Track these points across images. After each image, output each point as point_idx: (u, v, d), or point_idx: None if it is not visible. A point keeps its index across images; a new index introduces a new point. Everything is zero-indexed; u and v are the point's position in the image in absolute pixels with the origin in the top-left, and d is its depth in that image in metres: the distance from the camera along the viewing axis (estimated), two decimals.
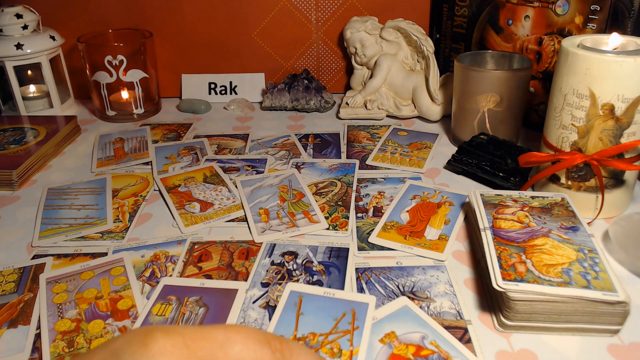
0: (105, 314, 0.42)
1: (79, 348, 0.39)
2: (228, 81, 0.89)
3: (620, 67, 0.46)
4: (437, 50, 0.85)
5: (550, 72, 0.70)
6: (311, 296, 0.42)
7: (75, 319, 0.42)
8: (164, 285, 0.45)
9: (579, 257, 0.41)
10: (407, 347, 0.38)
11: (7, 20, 0.76)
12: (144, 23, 0.85)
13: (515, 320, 0.39)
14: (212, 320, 0.41)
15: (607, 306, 0.38)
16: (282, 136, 0.75)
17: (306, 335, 0.39)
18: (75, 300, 0.44)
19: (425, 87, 0.78)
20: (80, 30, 0.82)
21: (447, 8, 0.82)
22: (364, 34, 0.81)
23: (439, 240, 0.51)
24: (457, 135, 0.71)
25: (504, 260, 0.41)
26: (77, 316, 0.42)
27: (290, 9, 0.85)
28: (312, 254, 0.49)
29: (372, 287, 0.45)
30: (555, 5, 0.67)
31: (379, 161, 0.67)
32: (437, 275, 0.46)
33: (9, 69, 0.77)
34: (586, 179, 0.52)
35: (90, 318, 0.42)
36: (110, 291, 0.45)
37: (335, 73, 0.91)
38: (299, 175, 0.63)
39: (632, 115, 0.48)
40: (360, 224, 0.54)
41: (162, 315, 0.42)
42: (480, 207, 0.49)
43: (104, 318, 0.42)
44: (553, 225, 0.45)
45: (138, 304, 0.43)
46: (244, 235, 0.53)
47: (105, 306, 0.43)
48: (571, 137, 0.51)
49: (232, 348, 0.24)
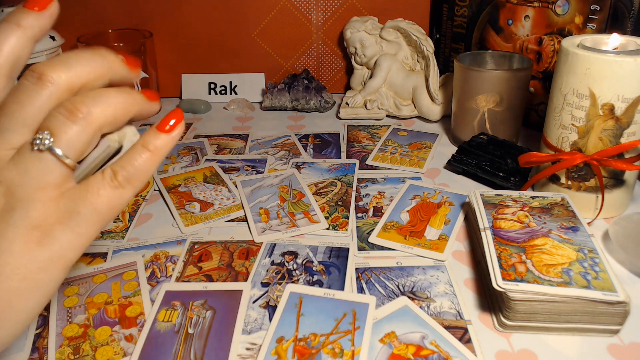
0: (113, 320, 0.42)
1: (84, 355, 0.39)
2: (228, 81, 0.89)
3: (620, 67, 0.46)
4: (437, 50, 0.85)
5: (550, 72, 0.70)
6: (311, 297, 0.43)
7: (83, 324, 0.41)
8: (165, 291, 0.44)
9: (579, 257, 0.41)
10: (407, 347, 0.38)
11: None
12: (144, 23, 0.85)
13: (515, 320, 0.39)
14: (220, 322, 0.41)
15: (607, 306, 0.38)
16: (282, 136, 0.75)
17: (307, 336, 0.39)
18: (85, 305, 0.43)
19: (425, 87, 0.78)
20: (80, 30, 0.82)
21: (447, 8, 0.82)
22: (364, 34, 0.81)
23: (439, 240, 0.51)
24: (457, 135, 0.71)
25: (504, 260, 0.41)
26: (85, 321, 0.42)
27: (290, 9, 0.85)
28: (312, 254, 0.49)
29: (372, 287, 0.45)
30: (555, 5, 0.67)
31: (379, 161, 0.67)
32: (437, 275, 0.46)
33: None
34: (586, 179, 0.52)
35: (98, 324, 0.42)
36: (120, 296, 0.44)
37: (335, 73, 0.91)
38: (299, 175, 0.63)
39: (632, 115, 0.48)
40: (360, 224, 0.54)
41: (169, 322, 0.41)
42: (480, 207, 0.49)
43: (111, 325, 0.41)
44: (553, 225, 0.45)
45: (146, 311, 0.43)
46: (244, 235, 0.53)
47: (114, 312, 0.43)
48: (571, 137, 0.51)
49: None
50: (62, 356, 0.39)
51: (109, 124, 0.27)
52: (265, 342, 0.38)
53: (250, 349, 0.39)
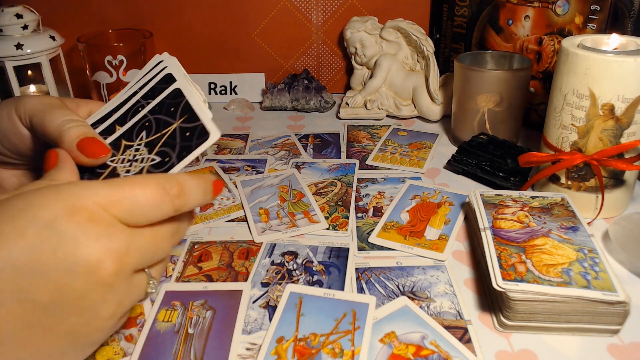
0: None
1: None
2: (228, 81, 0.89)
3: (620, 67, 0.46)
4: (437, 50, 0.85)
5: (550, 72, 0.70)
6: (311, 297, 0.43)
7: None
8: (165, 291, 0.44)
9: (579, 257, 0.41)
10: (407, 347, 0.38)
11: (7, 20, 0.76)
12: (144, 23, 0.85)
13: (515, 320, 0.39)
14: (220, 322, 0.41)
15: (607, 306, 0.38)
16: (282, 136, 0.75)
17: (307, 336, 0.39)
18: None
19: (425, 87, 0.78)
20: (80, 30, 0.82)
21: (447, 8, 0.82)
22: (364, 34, 0.81)
23: (439, 240, 0.51)
24: (457, 135, 0.71)
25: (504, 260, 0.41)
26: None
27: (290, 9, 0.85)
28: (312, 254, 0.49)
29: (372, 287, 0.45)
30: (555, 5, 0.67)
31: (379, 161, 0.67)
32: (437, 275, 0.46)
33: (9, 69, 0.77)
34: (586, 179, 0.52)
35: None
36: None
37: (335, 73, 0.91)
38: (299, 175, 0.63)
39: (632, 115, 0.48)
40: (360, 224, 0.54)
41: (169, 322, 0.41)
42: (480, 207, 0.49)
43: None
44: (553, 225, 0.45)
45: (146, 311, 0.43)
46: (244, 235, 0.53)
47: None
48: (571, 137, 0.51)
49: (134, 194, 0.28)
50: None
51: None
52: (265, 342, 0.38)
53: (250, 349, 0.39)
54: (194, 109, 0.33)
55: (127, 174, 0.32)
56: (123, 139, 0.34)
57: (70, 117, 0.35)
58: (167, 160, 0.32)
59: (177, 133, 0.33)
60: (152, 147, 0.33)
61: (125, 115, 0.36)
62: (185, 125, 0.32)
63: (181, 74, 0.35)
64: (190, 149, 0.31)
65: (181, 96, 0.34)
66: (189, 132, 0.32)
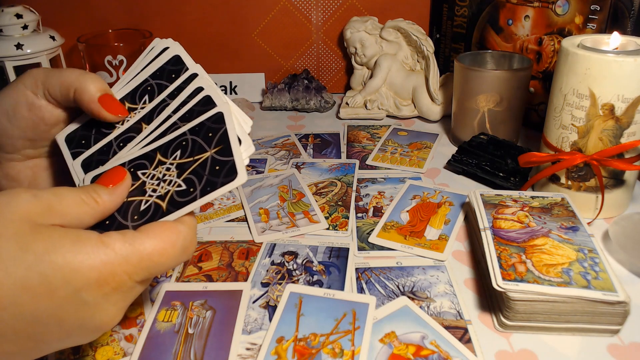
0: None
1: (84, 355, 0.38)
2: (228, 81, 0.89)
3: (620, 67, 0.46)
4: (437, 50, 0.85)
5: (550, 72, 0.70)
6: (311, 297, 0.43)
7: None
8: (165, 291, 0.44)
9: (579, 257, 0.41)
10: (407, 347, 0.38)
11: (7, 20, 0.76)
12: (144, 23, 0.85)
13: (515, 320, 0.39)
14: (220, 322, 0.41)
15: (607, 306, 0.38)
16: (282, 136, 0.75)
17: (307, 336, 0.39)
18: None
19: (425, 87, 0.78)
20: (80, 30, 0.82)
21: (447, 8, 0.82)
22: (364, 34, 0.81)
23: (439, 240, 0.51)
24: (457, 135, 0.71)
25: (504, 260, 0.41)
26: None
27: (290, 9, 0.85)
28: (312, 254, 0.49)
29: (372, 287, 0.45)
30: (555, 5, 0.67)
31: (379, 161, 0.67)
32: (437, 275, 0.46)
33: (9, 69, 0.77)
34: (586, 179, 0.52)
35: None
36: None
37: (335, 73, 0.91)
38: (299, 175, 0.63)
39: (632, 115, 0.48)
40: (360, 224, 0.54)
41: (169, 322, 0.41)
42: (480, 207, 0.49)
43: None
44: (553, 225, 0.45)
45: (146, 311, 0.43)
46: (244, 235, 0.53)
47: None
48: (571, 137, 0.51)
49: (152, 256, 0.29)
50: (62, 356, 0.39)
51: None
52: (265, 342, 0.38)
53: (250, 349, 0.39)
54: (230, 141, 0.32)
55: (152, 194, 0.32)
56: (159, 153, 0.34)
57: (85, 73, 0.34)
58: (191, 191, 0.31)
59: (208, 163, 0.32)
60: (182, 171, 0.32)
61: (152, 113, 0.36)
62: (218, 157, 0.31)
63: (221, 97, 0.34)
64: (215, 186, 0.30)
65: (222, 122, 0.33)
66: (218, 166, 0.31)
